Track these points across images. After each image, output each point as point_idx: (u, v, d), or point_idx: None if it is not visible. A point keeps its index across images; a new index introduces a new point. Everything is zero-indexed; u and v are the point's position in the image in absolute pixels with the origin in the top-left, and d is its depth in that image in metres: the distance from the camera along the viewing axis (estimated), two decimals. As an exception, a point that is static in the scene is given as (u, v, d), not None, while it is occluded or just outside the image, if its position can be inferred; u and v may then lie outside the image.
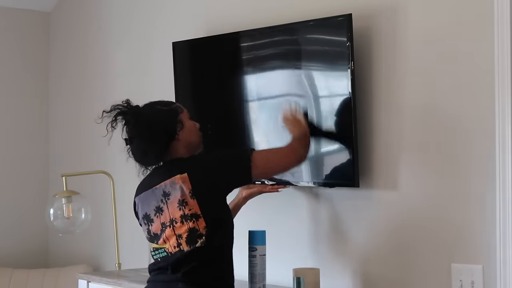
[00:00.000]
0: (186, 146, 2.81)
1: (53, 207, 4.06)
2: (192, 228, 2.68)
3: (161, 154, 2.78)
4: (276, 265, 3.32)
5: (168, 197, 2.73)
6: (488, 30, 2.73)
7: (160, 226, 2.75)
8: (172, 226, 2.71)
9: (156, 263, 2.81)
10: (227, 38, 3.52)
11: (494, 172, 2.72)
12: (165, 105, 2.84)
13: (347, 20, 3.00)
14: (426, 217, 2.93)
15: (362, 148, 3.07)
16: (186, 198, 2.69)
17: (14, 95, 4.73)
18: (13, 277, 4.42)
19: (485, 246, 2.75)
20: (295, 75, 3.27)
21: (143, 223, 2.83)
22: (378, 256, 3.08)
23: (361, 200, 3.13)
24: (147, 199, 2.80)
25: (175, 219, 2.71)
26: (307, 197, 3.33)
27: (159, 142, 2.75)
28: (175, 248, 2.71)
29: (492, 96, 2.72)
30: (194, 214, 2.68)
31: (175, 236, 2.71)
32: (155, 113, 2.79)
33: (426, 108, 2.93)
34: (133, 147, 2.80)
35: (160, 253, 2.77)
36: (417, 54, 2.96)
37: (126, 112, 2.79)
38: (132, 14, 4.28)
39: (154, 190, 2.77)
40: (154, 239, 2.79)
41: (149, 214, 2.79)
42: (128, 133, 2.80)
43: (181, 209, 2.69)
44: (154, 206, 2.77)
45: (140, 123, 2.76)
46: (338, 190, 3.18)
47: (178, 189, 2.70)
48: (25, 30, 4.77)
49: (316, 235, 3.30)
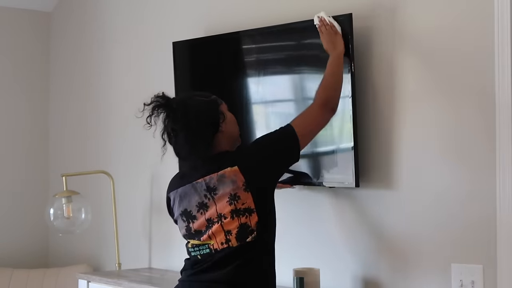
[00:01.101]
0: (228, 138, 2.69)
1: (53, 207, 4.06)
2: (243, 224, 2.57)
3: (208, 146, 2.63)
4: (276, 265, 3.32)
5: (214, 192, 2.60)
6: (489, 30, 2.73)
7: (205, 223, 2.62)
8: (221, 222, 2.58)
9: (195, 261, 2.66)
10: (227, 38, 3.51)
11: (494, 172, 2.72)
12: (205, 96, 2.71)
13: (347, 20, 3.00)
14: (426, 217, 2.93)
15: (362, 148, 3.07)
16: (238, 192, 2.57)
17: (14, 95, 4.73)
18: (13, 277, 4.42)
19: (485, 246, 2.75)
20: (295, 74, 3.27)
21: (181, 219, 2.69)
22: (378, 256, 3.08)
23: (361, 200, 3.13)
24: (187, 194, 2.67)
25: (224, 214, 2.58)
26: (307, 197, 3.33)
27: (206, 133, 2.62)
28: (222, 244, 2.58)
29: (492, 96, 2.72)
30: (247, 208, 2.57)
31: (223, 232, 2.58)
32: (199, 104, 2.65)
33: (426, 108, 2.93)
34: (178, 140, 2.63)
35: (201, 249, 2.64)
36: (417, 54, 2.96)
37: (167, 105, 2.64)
38: (132, 14, 4.28)
39: (195, 185, 2.64)
40: (195, 236, 2.65)
41: (190, 210, 2.66)
42: (172, 125, 2.62)
43: (232, 203, 2.57)
44: (197, 202, 2.64)
45: (186, 114, 2.61)
46: (338, 190, 3.18)
47: (228, 183, 2.58)
48: (25, 30, 4.77)
49: (316, 235, 3.29)
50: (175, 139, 2.65)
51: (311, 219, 3.32)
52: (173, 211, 2.76)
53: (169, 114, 2.63)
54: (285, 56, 3.31)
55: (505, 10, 2.69)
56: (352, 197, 3.15)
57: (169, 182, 2.80)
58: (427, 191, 2.93)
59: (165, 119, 2.64)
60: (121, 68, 4.34)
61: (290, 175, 3.21)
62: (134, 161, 4.21)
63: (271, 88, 3.35)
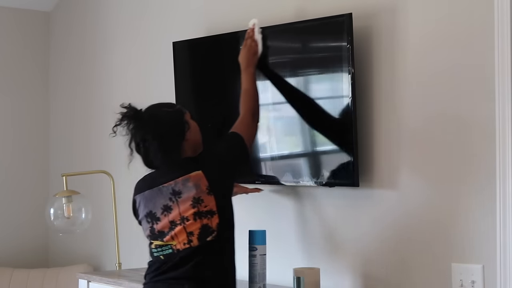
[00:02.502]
0: (192, 146, 2.84)
1: (54, 206, 4.05)
2: (205, 225, 2.71)
3: (173, 154, 2.79)
4: (276, 265, 3.32)
5: (179, 195, 2.73)
6: (489, 30, 2.73)
7: (168, 224, 2.75)
8: (183, 224, 2.72)
9: (158, 261, 2.79)
10: (227, 37, 3.51)
11: (494, 172, 2.72)
12: (169, 106, 2.88)
13: (347, 19, 3.00)
14: (426, 216, 2.93)
15: (362, 148, 3.07)
16: (202, 195, 2.71)
17: (14, 94, 4.74)
18: (13, 277, 4.42)
19: (485, 246, 2.75)
20: (295, 74, 3.27)
21: (146, 221, 2.83)
22: (378, 256, 3.08)
23: (361, 199, 3.13)
24: (152, 197, 2.80)
25: (186, 216, 2.72)
26: (307, 197, 3.33)
27: (172, 143, 2.78)
28: (185, 244, 2.72)
29: (493, 96, 2.72)
30: (210, 210, 2.71)
31: (186, 233, 2.72)
32: (165, 115, 2.82)
33: (426, 108, 2.93)
34: (144, 150, 2.80)
35: (164, 250, 2.76)
36: (417, 54, 2.96)
37: (134, 116, 2.79)
38: (132, 13, 4.28)
39: (161, 189, 2.78)
40: (158, 237, 2.78)
41: (154, 212, 2.79)
42: (139, 136, 2.79)
43: (196, 206, 2.71)
44: (162, 205, 2.77)
45: (152, 125, 2.78)
46: (338, 190, 3.18)
47: (192, 187, 2.72)
48: (25, 30, 4.77)
49: (316, 235, 3.29)
50: (145, 149, 2.81)
51: (311, 219, 3.31)
52: (138, 213, 2.89)
53: (139, 125, 2.79)
54: (285, 56, 3.31)
55: (505, 10, 2.69)
56: (351, 196, 3.15)
57: (135, 186, 2.93)
58: (427, 191, 2.93)
59: (133, 129, 2.80)
60: (121, 67, 4.34)
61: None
62: (134, 161, 4.20)
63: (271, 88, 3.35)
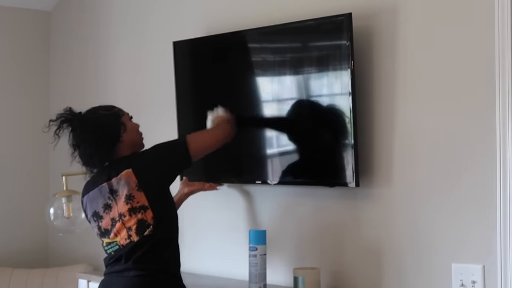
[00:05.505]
0: (129, 146, 2.98)
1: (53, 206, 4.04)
2: (140, 219, 2.85)
3: (107, 156, 2.95)
4: (276, 265, 3.32)
5: (116, 193, 2.90)
6: (489, 29, 2.73)
7: (110, 222, 2.92)
8: (122, 220, 2.88)
9: (110, 257, 2.96)
10: (227, 37, 3.51)
11: (494, 171, 2.72)
12: (107, 109, 3.02)
13: (347, 19, 3.00)
14: (426, 216, 2.92)
15: (362, 147, 3.07)
16: (133, 192, 2.86)
17: (14, 94, 4.73)
18: (13, 277, 4.42)
19: (485, 246, 2.75)
20: (295, 74, 3.27)
21: (93, 220, 2.99)
22: (378, 256, 3.08)
23: (361, 199, 3.12)
24: (95, 197, 2.97)
25: (123, 213, 2.87)
26: (307, 197, 3.33)
27: (105, 145, 2.94)
28: (126, 240, 2.88)
29: (493, 96, 2.72)
30: (142, 206, 2.86)
31: (125, 229, 2.88)
32: (99, 118, 2.97)
33: (426, 108, 2.93)
34: (80, 152, 2.97)
35: (112, 247, 2.93)
36: (417, 53, 2.96)
37: (71, 120, 2.97)
38: (132, 13, 4.27)
39: (101, 189, 2.94)
40: (105, 235, 2.95)
41: (98, 211, 2.96)
42: (75, 139, 2.97)
43: (129, 203, 2.86)
44: (102, 204, 2.94)
45: (86, 129, 2.94)
46: (338, 190, 3.18)
47: (124, 185, 2.87)
48: (25, 30, 4.76)
49: (316, 235, 3.29)
50: (82, 152, 2.98)
51: (311, 219, 3.31)
52: (87, 213, 3.05)
53: (76, 128, 2.97)
54: (286, 56, 3.31)
55: (505, 9, 2.69)
56: (352, 196, 3.15)
57: (83, 187, 3.08)
58: (427, 191, 2.92)
59: (70, 132, 3.00)
60: (121, 67, 4.34)
61: None
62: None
63: (272, 87, 3.35)
